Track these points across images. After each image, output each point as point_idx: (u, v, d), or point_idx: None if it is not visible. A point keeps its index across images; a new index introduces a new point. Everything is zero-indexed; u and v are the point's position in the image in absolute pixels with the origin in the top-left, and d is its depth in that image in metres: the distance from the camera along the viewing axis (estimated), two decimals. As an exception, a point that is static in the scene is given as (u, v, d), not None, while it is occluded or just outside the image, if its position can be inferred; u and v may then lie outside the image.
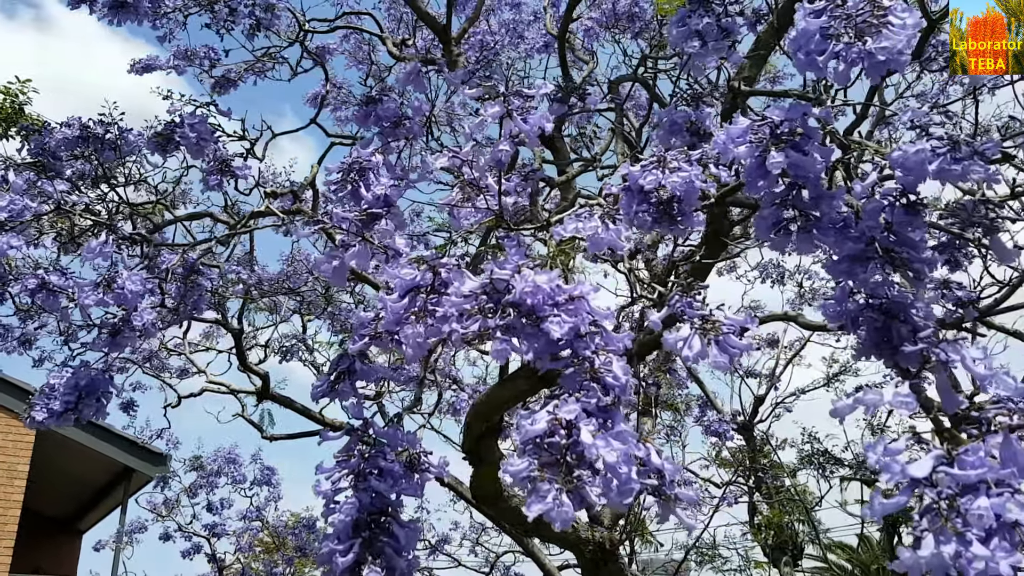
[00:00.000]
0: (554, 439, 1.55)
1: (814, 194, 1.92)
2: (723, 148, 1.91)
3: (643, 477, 1.63)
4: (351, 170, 2.52)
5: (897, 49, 1.72)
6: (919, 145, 1.83)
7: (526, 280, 1.71)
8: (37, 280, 2.70)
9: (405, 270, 1.95)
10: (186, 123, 2.89)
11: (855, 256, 1.88)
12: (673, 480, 1.62)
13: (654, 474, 1.63)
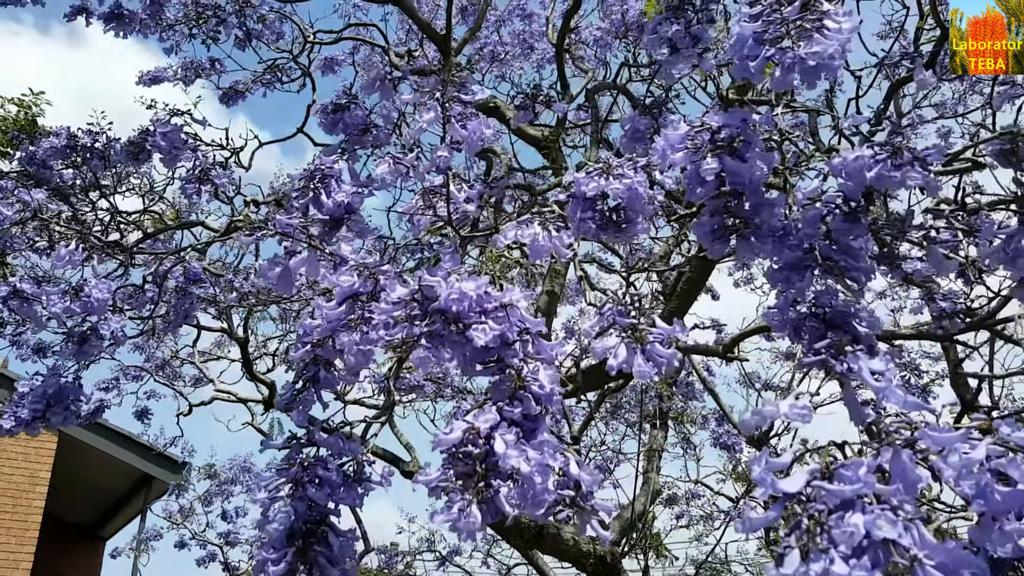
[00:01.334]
0: (468, 448, 1.53)
1: (754, 201, 1.89)
2: (661, 155, 1.89)
3: (562, 487, 1.60)
4: (312, 177, 2.53)
5: (828, 54, 1.69)
6: (857, 151, 1.80)
7: (451, 287, 1.70)
8: (9, 288, 2.74)
9: (343, 277, 1.95)
10: (157, 132, 2.92)
11: (793, 264, 1.85)
12: (591, 491, 1.60)
13: (572, 485, 1.61)
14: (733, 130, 1.87)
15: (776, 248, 1.86)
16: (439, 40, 5.80)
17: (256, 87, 6.60)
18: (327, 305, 1.92)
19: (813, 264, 1.82)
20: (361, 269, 1.97)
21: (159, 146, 2.89)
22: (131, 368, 9.34)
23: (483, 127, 2.02)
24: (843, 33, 1.73)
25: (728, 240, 1.91)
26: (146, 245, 5.22)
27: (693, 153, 1.84)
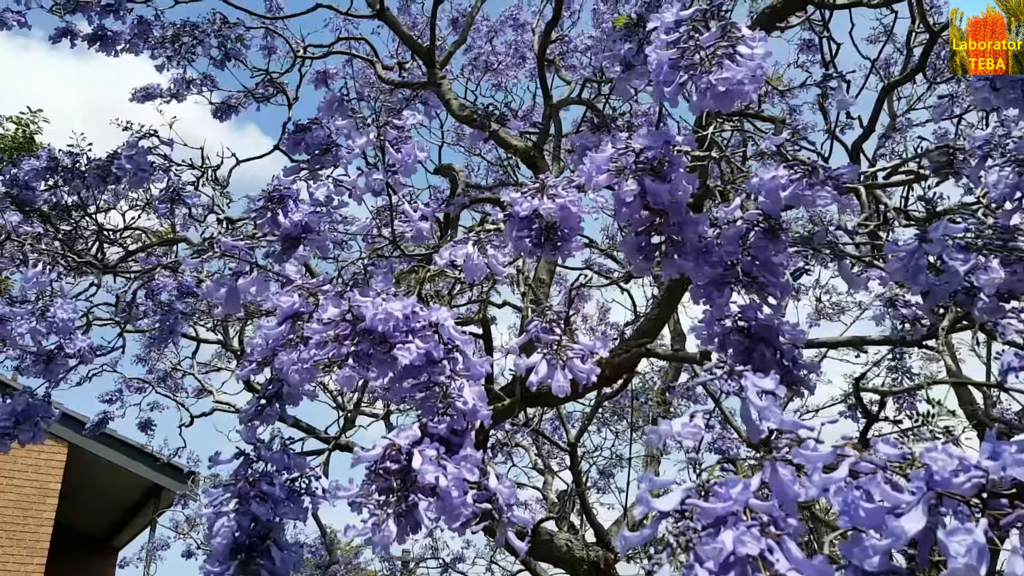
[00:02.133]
0: (387, 464, 1.60)
1: (677, 220, 1.95)
2: (587, 177, 1.95)
3: (480, 501, 1.66)
4: (271, 198, 2.60)
5: (737, 80, 1.74)
6: (773, 171, 1.86)
7: (377, 307, 1.76)
8: (-18, 310, 2.82)
9: (284, 297, 2.02)
10: (123, 156, 3.00)
11: (714, 281, 1.91)
12: (509, 504, 1.66)
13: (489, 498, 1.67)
14: (656, 151, 1.93)
15: (698, 266, 1.92)
16: (423, 53, 5.88)
17: (248, 102, 6.70)
18: (267, 325, 1.99)
19: (733, 281, 1.88)
20: (302, 289, 2.04)
21: (124, 169, 2.97)
22: (133, 380, 9.47)
23: (416, 150, 2.08)
24: (755, 59, 1.78)
25: (653, 257, 1.97)
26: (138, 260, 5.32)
27: (616, 175, 1.90)
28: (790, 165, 1.87)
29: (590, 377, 1.75)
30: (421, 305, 1.83)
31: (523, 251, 2.09)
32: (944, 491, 1.14)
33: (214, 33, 4.76)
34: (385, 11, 5.80)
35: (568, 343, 1.78)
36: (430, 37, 5.77)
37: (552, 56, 7.46)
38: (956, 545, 1.05)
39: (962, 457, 1.15)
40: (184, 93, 6.32)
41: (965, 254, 1.63)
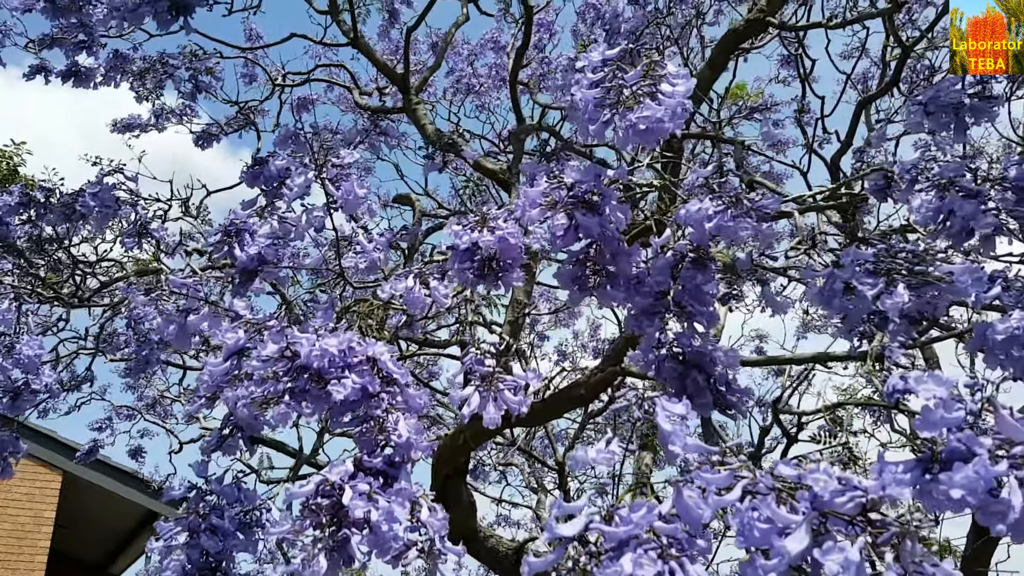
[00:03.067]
0: (319, 500, 1.65)
1: (611, 251, 2.00)
2: (521, 210, 2.00)
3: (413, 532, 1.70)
4: (228, 231, 2.66)
5: (657, 117, 1.80)
6: (698, 204, 1.91)
7: (313, 344, 1.81)
8: (-49, 346, 2.87)
9: (230, 334, 2.06)
10: (87, 193, 3.05)
11: (645, 310, 1.96)
12: (441, 535, 1.70)
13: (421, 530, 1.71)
14: (588, 185, 1.99)
15: (629, 295, 1.97)
16: (398, 80, 5.96)
17: (229, 129, 6.77)
18: (212, 361, 2.04)
19: (662, 310, 1.93)
20: (248, 325, 2.09)
21: (88, 207, 3.02)
22: (122, 408, 9.51)
23: (356, 187, 2.14)
24: (676, 97, 1.84)
25: (587, 288, 2.02)
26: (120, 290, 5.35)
27: (548, 209, 1.96)
28: (716, 196, 1.92)
29: (521, 408, 1.80)
30: (359, 339, 1.88)
31: (465, 283, 2.14)
32: (828, 511, 1.18)
33: (184, 66, 4.83)
34: (359, 40, 5.88)
35: (501, 375, 1.83)
36: (404, 64, 5.84)
37: (527, 79, 7.56)
38: (831, 564, 1.10)
39: (844, 478, 1.19)
40: (164, 123, 6.40)
41: (874, 279, 1.68)
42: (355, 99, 6.56)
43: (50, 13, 3.30)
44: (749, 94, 9.89)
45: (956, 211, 1.89)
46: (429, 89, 9.85)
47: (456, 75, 9.81)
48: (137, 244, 3.41)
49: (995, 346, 1.74)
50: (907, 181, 2.12)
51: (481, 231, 2.11)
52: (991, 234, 1.88)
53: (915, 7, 8.35)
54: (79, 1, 3.15)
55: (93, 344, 3.67)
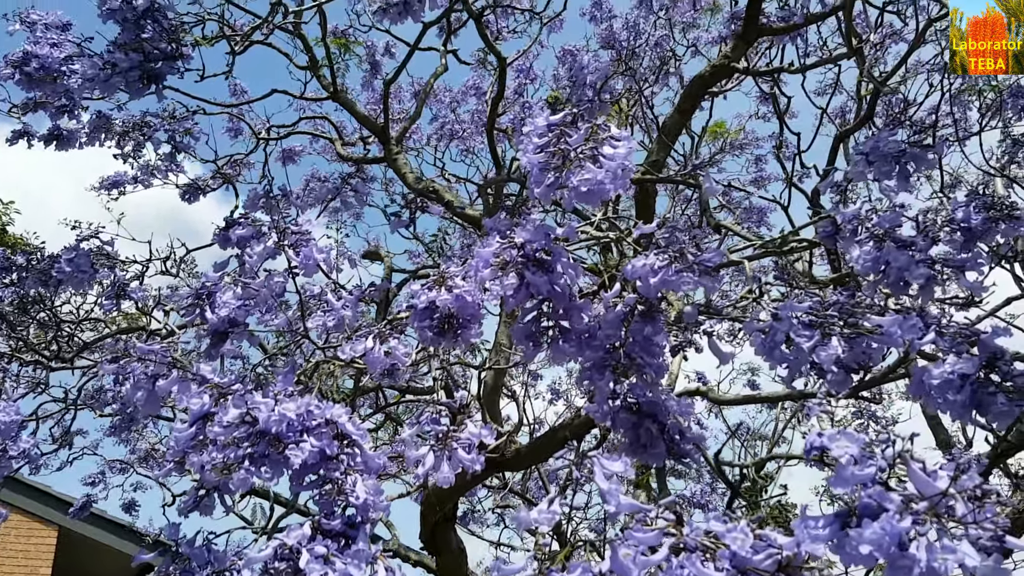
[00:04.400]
0: (277, 565, 1.68)
1: (563, 306, 2.06)
2: (473, 270, 2.06)
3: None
4: (199, 294, 2.72)
5: (598, 180, 1.87)
6: (643, 259, 1.98)
7: (271, 408, 1.86)
8: (-73, 414, 2.90)
9: (195, 399, 2.11)
10: (62, 259, 3.12)
11: (596, 364, 2.01)
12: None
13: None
14: (538, 244, 2.05)
15: (580, 350, 2.02)
16: (378, 131, 6.07)
17: (214, 184, 6.87)
18: (178, 427, 2.08)
19: (612, 364, 1.98)
20: (214, 389, 2.13)
21: (64, 272, 3.08)
22: (115, 462, 9.50)
23: (315, 251, 2.20)
24: (617, 160, 1.92)
25: (541, 344, 2.08)
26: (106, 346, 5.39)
27: (500, 269, 2.02)
28: (660, 251, 1.99)
29: (474, 467, 1.84)
30: (318, 402, 1.93)
31: (426, 341, 2.20)
32: (747, 568, 1.23)
33: (163, 128, 4.93)
34: (340, 93, 6.01)
35: (455, 433, 1.88)
36: (384, 116, 5.96)
37: (507, 124, 7.69)
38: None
39: (763, 535, 1.24)
40: (149, 180, 6.49)
41: (810, 331, 1.74)
42: (338, 150, 6.67)
43: (25, 84, 3.39)
44: (729, 131, 10.06)
45: (891, 262, 1.96)
46: (414, 136, 10.02)
47: (440, 121, 9.97)
48: (115, 306, 3.46)
49: (932, 390, 1.79)
50: (849, 231, 2.18)
51: (439, 290, 2.18)
52: (925, 284, 1.94)
53: (887, 42, 8.53)
54: (53, 73, 3.24)
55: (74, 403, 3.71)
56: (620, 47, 7.83)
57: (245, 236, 2.33)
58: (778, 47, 6.80)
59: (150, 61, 3.14)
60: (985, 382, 1.72)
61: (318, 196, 4.40)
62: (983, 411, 1.70)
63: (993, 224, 2.46)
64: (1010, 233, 2.49)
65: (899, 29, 7.26)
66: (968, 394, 1.70)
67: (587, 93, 4.82)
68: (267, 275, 2.27)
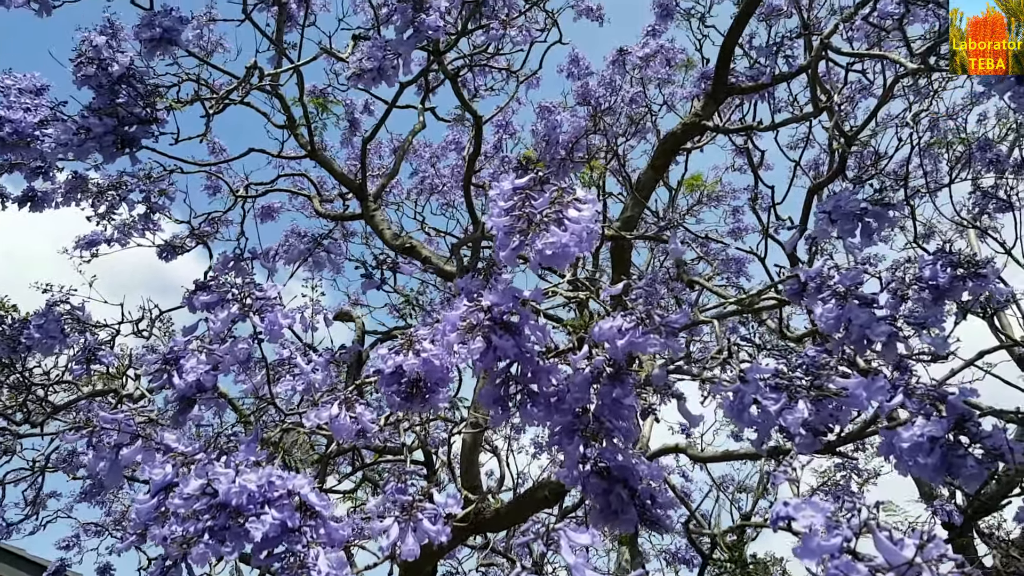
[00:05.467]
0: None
1: (530, 370, 2.04)
2: (440, 334, 2.05)
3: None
4: (167, 360, 2.68)
5: (563, 243, 1.87)
6: (611, 321, 1.97)
7: (231, 480, 1.82)
8: None
9: (157, 470, 2.06)
10: (32, 325, 3.08)
11: (565, 428, 1.99)
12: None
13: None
14: (505, 307, 2.04)
15: (548, 414, 2.00)
16: (355, 188, 6.09)
17: (192, 242, 6.84)
18: (140, 499, 2.03)
19: (581, 428, 1.96)
20: (177, 458, 2.09)
21: (33, 339, 3.04)
22: (89, 525, 9.28)
23: (280, 317, 2.18)
24: (582, 222, 1.92)
25: (509, 408, 2.05)
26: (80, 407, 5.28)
27: (466, 332, 2.00)
28: (627, 313, 1.98)
29: (439, 538, 1.80)
30: (280, 473, 1.89)
31: (393, 406, 2.17)
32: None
33: (138, 188, 4.93)
34: (317, 152, 6.04)
35: (421, 503, 1.84)
36: (361, 174, 5.99)
37: (486, 179, 7.75)
38: None
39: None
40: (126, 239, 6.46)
41: (777, 394, 1.73)
42: (315, 207, 6.68)
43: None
44: (705, 183, 10.18)
45: (853, 320, 1.96)
46: (394, 190, 10.07)
47: (419, 175, 10.04)
48: (85, 371, 3.41)
49: (903, 453, 1.78)
50: (813, 288, 2.19)
51: (406, 354, 2.15)
52: (887, 342, 1.94)
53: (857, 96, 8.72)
54: (27, 137, 3.23)
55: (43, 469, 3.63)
56: (596, 103, 7.96)
57: (210, 303, 2.31)
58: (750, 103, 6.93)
59: (124, 125, 3.14)
60: (954, 444, 1.71)
61: (296, 252, 4.38)
62: (953, 473, 1.69)
63: (960, 282, 2.48)
64: (977, 291, 2.51)
65: (868, 84, 7.42)
66: (938, 457, 1.69)
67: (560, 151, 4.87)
68: (232, 341, 2.24)
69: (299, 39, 5.77)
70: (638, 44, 7.97)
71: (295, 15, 6.36)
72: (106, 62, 2.99)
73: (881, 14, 4.50)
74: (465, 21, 4.72)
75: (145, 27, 3.43)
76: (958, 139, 7.83)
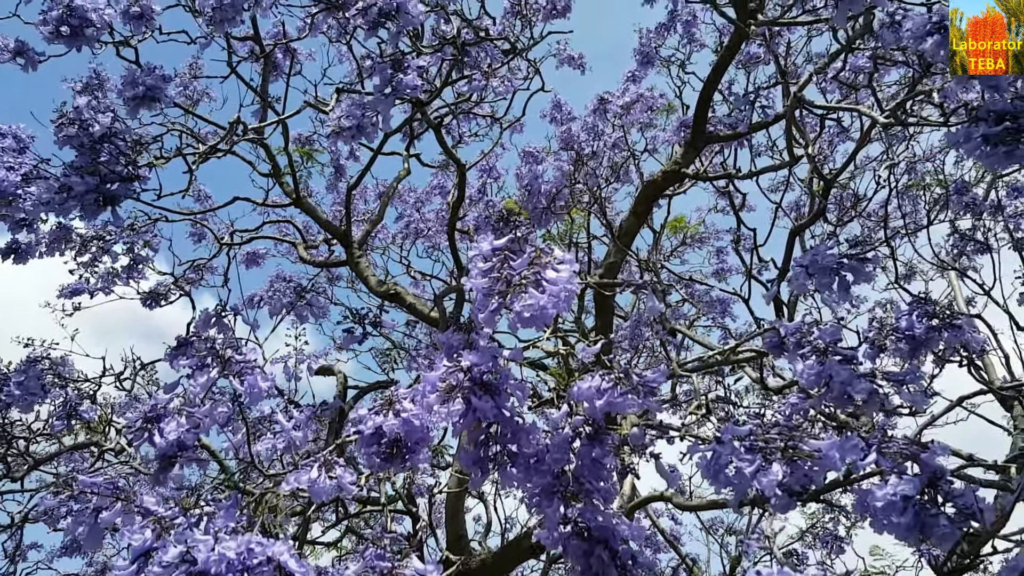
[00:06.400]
0: None
1: (510, 430, 2.05)
2: (420, 395, 2.06)
3: None
4: (147, 418, 2.67)
5: (540, 306, 1.90)
6: (590, 381, 1.99)
7: (210, 548, 1.81)
8: None
9: (136, 535, 2.05)
10: (12, 382, 3.06)
11: (544, 489, 1.99)
12: None
13: None
14: (485, 367, 2.06)
15: (528, 475, 2.00)
16: (340, 235, 6.12)
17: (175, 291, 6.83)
18: (119, 565, 2.01)
19: (560, 490, 1.97)
20: (156, 523, 2.08)
21: (13, 396, 3.02)
22: (70, 577, 9.11)
23: (260, 381, 2.19)
24: (559, 284, 1.95)
25: (489, 469, 2.06)
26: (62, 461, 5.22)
27: (446, 393, 2.02)
28: (606, 373, 2.00)
29: (419, 604, 1.79)
30: (260, 539, 1.88)
31: (373, 467, 2.17)
32: None
33: (122, 240, 4.94)
34: (302, 200, 6.07)
35: (399, 570, 1.83)
36: (346, 221, 6.02)
37: (472, 223, 7.80)
38: None
39: None
40: (110, 287, 6.45)
41: (752, 456, 1.74)
42: (300, 254, 6.70)
43: (-22, 208, 3.39)
44: (688, 225, 10.27)
45: (834, 377, 1.99)
46: (379, 234, 10.11)
47: (405, 220, 10.09)
48: (67, 426, 3.39)
49: (876, 512, 1.79)
50: (793, 344, 2.22)
51: (386, 414, 2.16)
52: (868, 398, 1.96)
53: (836, 140, 8.86)
54: (9, 196, 3.25)
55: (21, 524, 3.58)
56: (579, 147, 8.05)
57: (190, 368, 2.31)
58: (729, 148, 7.03)
59: (106, 183, 3.16)
60: (928, 503, 1.73)
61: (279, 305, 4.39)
62: (926, 533, 1.70)
63: (936, 332, 2.52)
64: (952, 341, 2.55)
65: (845, 129, 7.55)
66: (911, 516, 1.70)
67: (542, 201, 4.93)
68: (212, 404, 2.24)
69: (284, 88, 5.83)
70: (619, 90, 8.09)
71: (281, 64, 6.43)
72: (88, 122, 3.02)
73: (853, 68, 4.61)
74: (448, 72, 4.79)
75: (129, 85, 3.46)
76: (936, 181, 7.95)
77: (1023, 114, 2.12)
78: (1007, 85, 2.23)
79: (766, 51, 6.68)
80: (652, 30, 7.63)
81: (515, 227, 2.52)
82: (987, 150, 2.14)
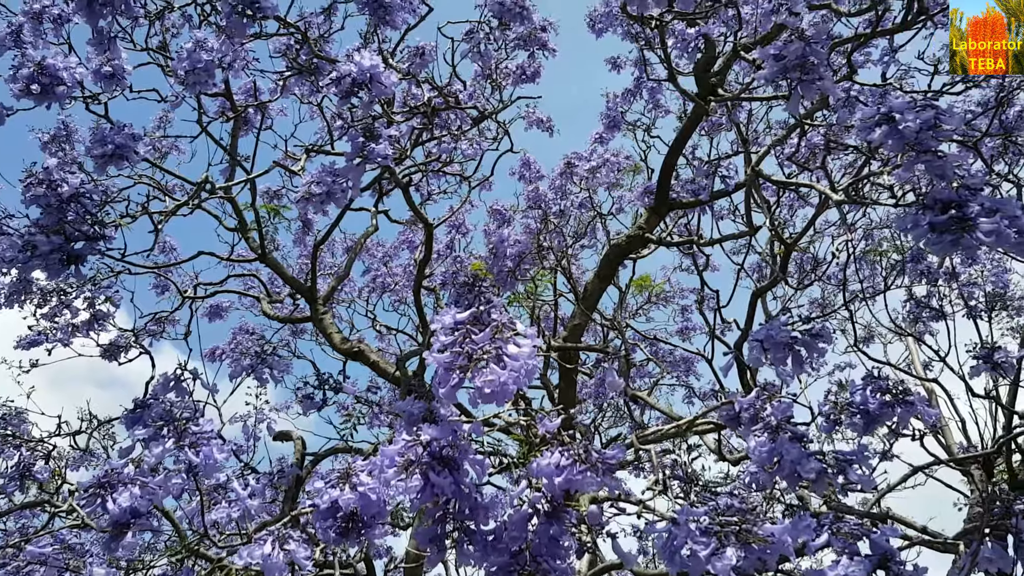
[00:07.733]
0: None
1: (468, 506, 2.05)
2: (378, 469, 2.05)
3: None
4: (101, 484, 2.62)
5: (501, 382, 1.92)
6: (549, 458, 2.00)
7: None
8: None
9: (83, 612, 2.01)
10: (-40, 445, 3.00)
11: (501, 568, 1.99)
12: None
13: None
14: (443, 441, 2.06)
15: (485, 554, 2.00)
16: (305, 292, 6.11)
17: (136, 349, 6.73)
18: (63, 643, 1.97)
19: (517, 570, 1.96)
20: (104, 600, 2.04)
21: (-38, 458, 2.96)
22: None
23: (215, 451, 2.17)
24: (520, 359, 1.97)
25: (445, 547, 2.05)
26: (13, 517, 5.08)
27: (403, 469, 2.02)
28: (565, 449, 2.01)
29: None
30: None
31: (329, 541, 2.15)
32: None
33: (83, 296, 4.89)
34: (267, 256, 6.07)
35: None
36: (311, 278, 6.02)
37: (440, 279, 7.84)
38: None
39: None
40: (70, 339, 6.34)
41: (707, 539, 1.76)
42: (263, 308, 6.66)
43: (-59, 264, 3.35)
44: (654, 284, 10.40)
45: (785, 456, 2.02)
46: (346, 288, 10.09)
47: (372, 274, 10.10)
48: (19, 487, 3.32)
49: (828, 594, 1.81)
50: (747, 419, 2.26)
51: (342, 488, 2.15)
52: (817, 478, 2.00)
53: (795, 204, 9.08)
54: (-30, 254, 3.21)
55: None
56: (547, 206, 8.17)
57: (145, 438, 2.29)
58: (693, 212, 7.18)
59: (71, 242, 3.15)
60: (878, 586, 1.76)
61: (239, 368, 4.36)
62: (877, 616, 1.73)
63: (889, 408, 2.58)
64: (905, 416, 2.61)
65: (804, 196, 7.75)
66: (862, 600, 1.73)
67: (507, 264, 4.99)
68: (165, 474, 2.22)
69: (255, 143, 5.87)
70: (587, 151, 8.25)
71: (252, 119, 6.48)
72: (56, 183, 3.01)
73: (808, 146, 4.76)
74: (418, 134, 4.87)
75: (98, 143, 3.47)
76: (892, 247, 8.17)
77: (968, 203, 2.21)
78: (952, 173, 2.33)
79: (728, 120, 6.87)
80: (619, 95, 7.81)
81: (479, 294, 2.56)
82: (934, 237, 2.22)
